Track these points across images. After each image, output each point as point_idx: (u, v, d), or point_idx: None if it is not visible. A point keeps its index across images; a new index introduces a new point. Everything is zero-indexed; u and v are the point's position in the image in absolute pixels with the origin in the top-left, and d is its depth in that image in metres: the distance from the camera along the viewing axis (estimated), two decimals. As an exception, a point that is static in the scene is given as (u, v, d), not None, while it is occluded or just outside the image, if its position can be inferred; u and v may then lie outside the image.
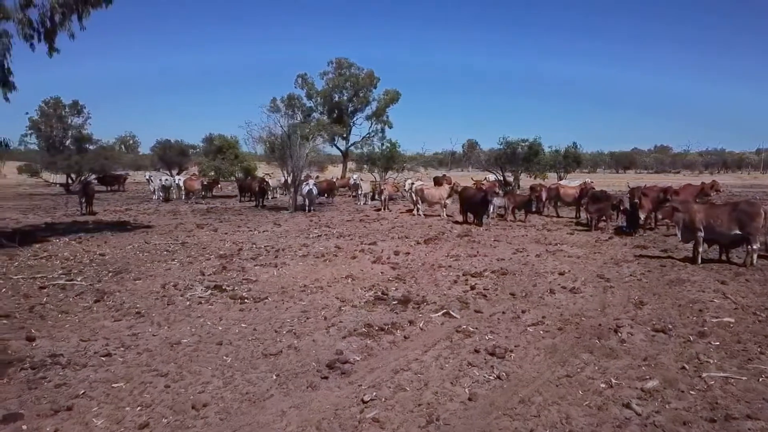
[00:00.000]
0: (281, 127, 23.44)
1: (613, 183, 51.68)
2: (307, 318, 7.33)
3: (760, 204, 11.25)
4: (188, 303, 8.04)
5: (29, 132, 41.56)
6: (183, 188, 29.76)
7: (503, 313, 7.64)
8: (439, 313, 7.51)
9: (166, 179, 31.40)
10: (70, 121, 42.42)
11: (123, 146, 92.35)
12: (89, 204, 21.79)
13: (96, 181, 39.91)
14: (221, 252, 12.52)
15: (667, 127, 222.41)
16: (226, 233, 16.08)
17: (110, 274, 9.97)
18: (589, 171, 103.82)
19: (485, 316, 7.47)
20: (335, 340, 6.40)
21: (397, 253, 12.40)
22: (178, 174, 40.58)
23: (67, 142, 42.00)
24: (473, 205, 18.47)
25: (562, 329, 6.91)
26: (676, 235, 11.97)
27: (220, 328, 6.86)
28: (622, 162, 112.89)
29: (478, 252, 12.72)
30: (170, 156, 47.00)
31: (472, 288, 9.06)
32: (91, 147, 41.61)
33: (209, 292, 8.66)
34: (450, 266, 10.93)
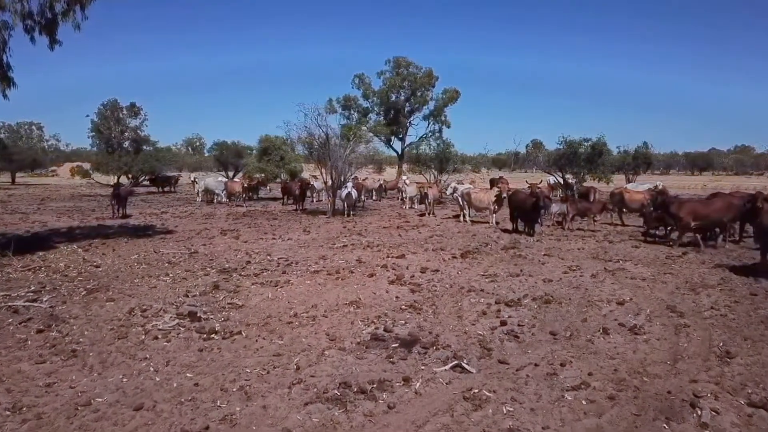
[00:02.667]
0: (319, 126, 21.98)
1: (687, 185, 47.66)
2: (275, 366, 5.66)
3: None
4: (143, 337, 6.55)
5: (91, 134, 42.58)
6: (225, 191, 29.00)
7: (536, 365, 5.69)
8: (448, 365, 5.65)
9: (220, 180, 30.87)
10: (127, 122, 43.05)
11: (189, 148, 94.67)
12: (122, 207, 21.11)
13: (148, 182, 40.34)
14: (226, 265, 11.09)
15: (749, 126, 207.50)
16: (246, 241, 14.74)
17: (84, 292, 8.68)
18: (661, 173, 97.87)
19: (510, 371, 5.56)
20: (291, 409, 4.68)
21: (424, 270, 10.59)
22: (234, 176, 40.09)
23: (126, 144, 42.68)
24: (524, 211, 16.34)
25: (614, 398, 4.92)
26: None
27: (157, 379, 5.29)
28: (698, 163, 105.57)
29: (521, 270, 10.71)
30: (226, 157, 46.79)
31: (503, 324, 7.13)
32: (147, 148, 42.04)
33: (177, 321, 7.15)
34: (482, 290, 9.00)
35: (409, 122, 54.03)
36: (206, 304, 8.05)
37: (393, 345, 6.26)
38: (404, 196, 26.00)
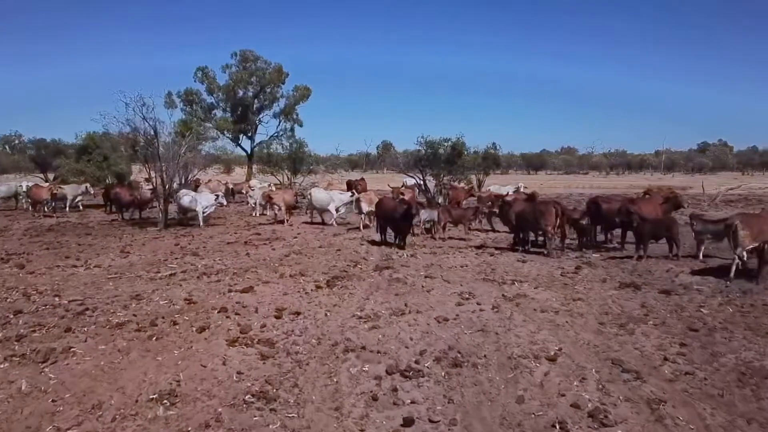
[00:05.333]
0: (145, 120, 17.87)
1: (530, 185, 49.55)
2: None
3: None
4: None
5: None
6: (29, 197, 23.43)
7: None
8: None
9: (24, 184, 25.06)
10: None
11: (7, 147, 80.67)
12: None
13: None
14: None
15: (573, 128, 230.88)
16: (32, 272, 10.72)
17: None
18: (501, 173, 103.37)
19: None
20: None
21: (280, 314, 7.73)
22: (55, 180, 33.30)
23: None
24: (393, 221, 14.10)
25: None
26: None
27: None
28: (534, 163, 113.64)
29: (406, 304, 8.29)
30: (44, 157, 39.15)
31: (407, 424, 4.58)
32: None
33: None
34: (363, 347, 6.38)
35: (259, 120, 50.36)
36: None
37: None
38: (252, 201, 22.65)
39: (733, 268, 9.90)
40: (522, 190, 23.74)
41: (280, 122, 49.17)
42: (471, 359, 5.98)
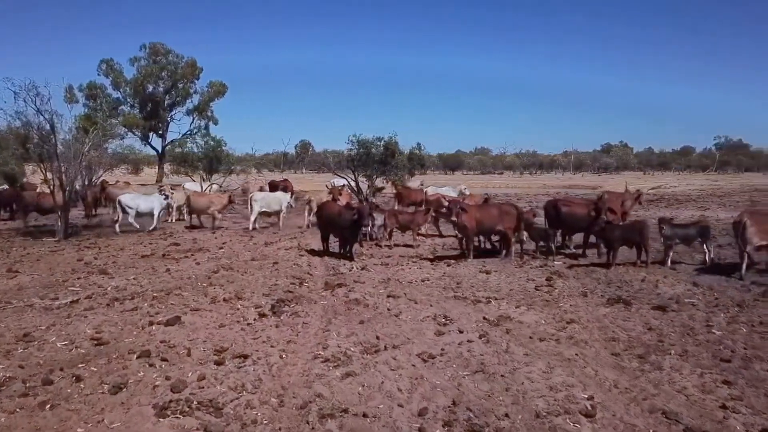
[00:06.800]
0: (39, 113, 15.14)
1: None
2: None
3: None
4: None
5: None
6: None
7: None
8: None
9: None
10: None
11: None
12: None
13: None
14: None
15: (486, 129, 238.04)
16: None
17: None
18: (420, 173, 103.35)
19: None
20: None
21: (220, 358, 5.98)
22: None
23: None
24: (339, 228, 12.54)
25: None
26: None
27: None
28: (450, 164, 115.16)
29: (378, 336, 6.78)
30: None
31: None
32: None
33: None
34: (345, 410, 4.77)
35: (170, 117, 47.13)
36: None
37: None
38: (170, 206, 20.19)
39: (744, 265, 9.85)
40: (465, 192, 22.84)
41: (193, 119, 46.24)
42: (490, 421, 4.57)
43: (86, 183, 20.14)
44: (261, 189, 22.07)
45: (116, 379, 5.36)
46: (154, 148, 45.96)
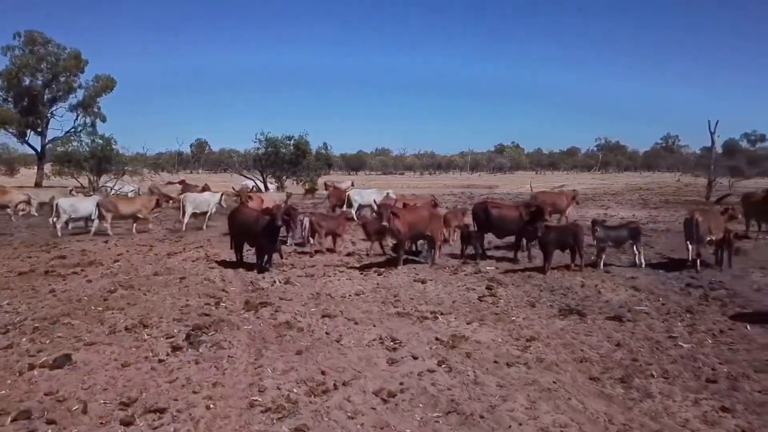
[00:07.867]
0: None
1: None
2: None
3: None
4: None
5: None
6: None
7: None
8: None
9: None
10: None
11: None
12: None
13: None
14: None
15: (387, 129, 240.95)
16: None
17: None
18: (324, 173, 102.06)
19: None
20: None
21: (128, 416, 4.63)
22: None
23: None
24: (254, 236, 11.19)
25: None
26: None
27: None
28: (353, 164, 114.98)
29: (323, 371, 5.71)
30: None
31: None
32: None
33: None
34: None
35: (51, 113, 42.49)
36: None
37: None
38: (55, 215, 17.52)
39: (698, 261, 10.42)
40: (392, 196, 21.95)
41: (78, 116, 41.98)
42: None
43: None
44: (204, 190, 21.59)
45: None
46: (32, 147, 41.17)
